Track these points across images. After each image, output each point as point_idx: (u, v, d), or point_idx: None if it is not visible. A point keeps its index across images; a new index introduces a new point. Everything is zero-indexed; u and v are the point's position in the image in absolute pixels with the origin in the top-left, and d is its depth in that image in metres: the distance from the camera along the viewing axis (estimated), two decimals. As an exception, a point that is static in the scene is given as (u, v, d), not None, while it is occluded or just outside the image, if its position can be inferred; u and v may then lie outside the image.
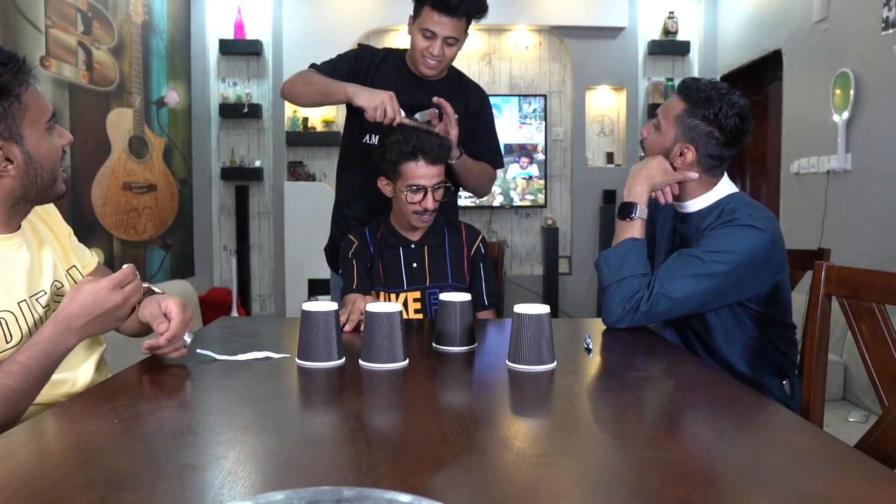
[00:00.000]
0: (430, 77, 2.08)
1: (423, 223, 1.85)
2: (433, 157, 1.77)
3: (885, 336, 1.19)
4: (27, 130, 1.11)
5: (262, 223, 5.19)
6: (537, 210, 5.35)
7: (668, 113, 1.58)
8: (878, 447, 1.12)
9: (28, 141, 1.12)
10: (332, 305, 1.25)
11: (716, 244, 1.47)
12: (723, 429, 0.96)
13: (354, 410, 1.03)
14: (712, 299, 1.49)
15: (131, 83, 3.79)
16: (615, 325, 1.53)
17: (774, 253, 1.49)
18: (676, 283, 1.46)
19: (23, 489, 0.70)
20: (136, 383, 1.14)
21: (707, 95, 1.52)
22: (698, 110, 1.53)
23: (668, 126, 1.57)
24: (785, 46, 4.08)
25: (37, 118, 1.13)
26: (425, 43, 1.98)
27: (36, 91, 1.14)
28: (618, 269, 1.52)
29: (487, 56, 5.26)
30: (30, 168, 1.13)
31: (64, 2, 3.06)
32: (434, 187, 1.79)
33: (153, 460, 0.79)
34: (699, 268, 1.45)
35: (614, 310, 1.51)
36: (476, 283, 1.95)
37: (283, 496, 0.49)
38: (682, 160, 1.55)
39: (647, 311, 1.48)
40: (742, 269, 1.45)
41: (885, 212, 3.12)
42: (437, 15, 1.93)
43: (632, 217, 1.56)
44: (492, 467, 0.79)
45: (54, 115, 1.19)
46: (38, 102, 1.14)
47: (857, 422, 2.76)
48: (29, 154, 1.12)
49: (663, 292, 1.46)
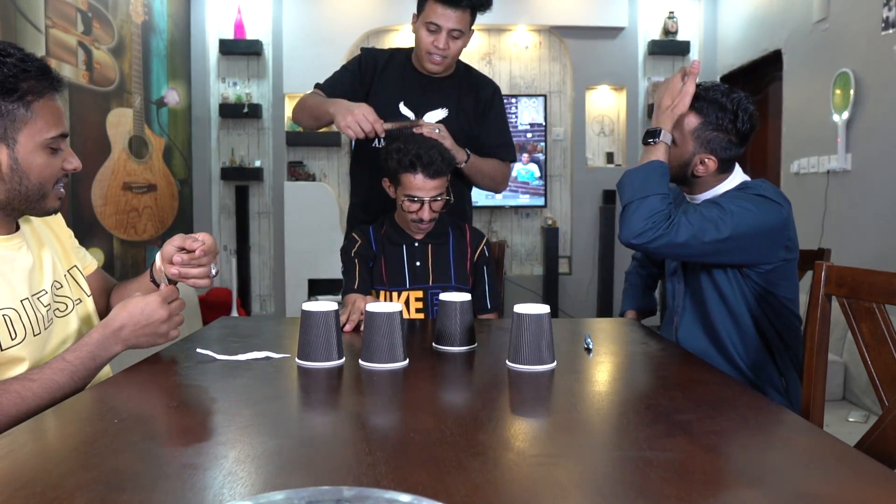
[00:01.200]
0: (437, 74, 2.06)
1: (421, 231, 1.87)
2: (432, 171, 1.75)
3: (885, 336, 1.19)
4: (23, 138, 1.09)
5: (262, 223, 5.19)
6: (537, 210, 5.35)
7: (684, 128, 1.59)
8: (878, 447, 1.12)
9: (20, 148, 1.09)
10: (332, 305, 1.25)
11: (735, 204, 1.50)
12: (723, 429, 0.96)
13: (354, 410, 1.03)
14: (727, 249, 1.49)
15: (131, 83, 3.79)
16: (634, 241, 1.51)
17: (788, 228, 1.53)
18: (698, 218, 1.48)
19: (23, 489, 0.70)
20: (136, 383, 1.14)
21: (720, 106, 1.55)
22: (714, 122, 1.56)
23: (684, 140, 1.59)
24: (785, 46, 4.08)
25: (39, 131, 1.10)
26: (430, 37, 1.97)
27: (54, 107, 1.12)
28: (641, 186, 1.52)
29: (487, 56, 5.26)
30: (14, 175, 1.10)
31: (64, 2, 3.06)
32: (432, 199, 1.78)
33: (153, 460, 0.79)
34: (720, 212, 1.48)
35: (635, 225, 1.50)
36: (479, 285, 1.95)
37: (283, 496, 0.49)
38: (704, 168, 1.59)
39: (665, 234, 1.48)
40: (756, 228, 1.48)
41: (885, 212, 3.12)
42: (441, 7, 1.93)
43: (655, 141, 1.58)
44: (492, 467, 0.79)
45: (65, 136, 1.16)
46: (49, 118, 1.11)
47: (857, 422, 2.76)
48: (17, 161, 1.09)
49: (687, 223, 1.47)
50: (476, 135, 2.11)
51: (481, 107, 2.12)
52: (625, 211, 1.54)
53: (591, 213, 5.31)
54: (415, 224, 1.83)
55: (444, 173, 1.79)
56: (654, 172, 1.54)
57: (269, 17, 5.03)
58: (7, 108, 1.06)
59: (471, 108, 2.11)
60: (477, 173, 2.06)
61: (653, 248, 1.51)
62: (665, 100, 1.59)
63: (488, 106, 2.13)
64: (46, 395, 1.06)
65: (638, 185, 1.53)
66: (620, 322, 1.76)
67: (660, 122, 1.59)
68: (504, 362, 1.25)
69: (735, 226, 1.47)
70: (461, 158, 1.97)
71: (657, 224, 1.48)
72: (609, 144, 5.42)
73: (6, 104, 1.06)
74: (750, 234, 1.47)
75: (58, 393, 1.08)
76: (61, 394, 1.08)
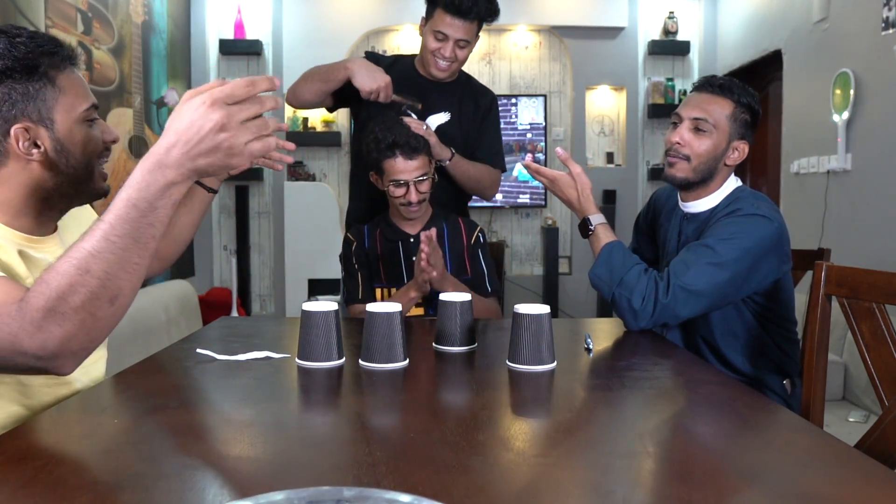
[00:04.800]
0: (441, 79, 2.08)
1: (412, 214, 1.88)
2: (409, 150, 1.79)
3: (885, 336, 1.19)
4: (59, 116, 1.02)
5: (262, 223, 5.19)
6: (537, 210, 5.35)
7: (719, 114, 1.55)
8: (878, 447, 1.12)
9: (59, 127, 1.02)
10: (332, 305, 1.25)
11: (725, 232, 1.46)
12: (723, 428, 0.96)
13: (354, 410, 1.03)
14: (729, 289, 1.46)
15: (131, 83, 3.79)
16: (640, 323, 1.46)
17: (782, 242, 1.50)
18: (691, 273, 1.43)
19: (23, 489, 0.70)
20: (136, 383, 1.14)
21: (742, 89, 1.55)
22: (743, 106, 1.55)
23: (721, 127, 1.55)
24: (785, 46, 4.08)
25: (72, 105, 1.03)
26: (437, 45, 2.00)
27: (77, 78, 1.05)
28: (609, 275, 1.50)
29: (487, 56, 5.26)
30: (60, 156, 1.03)
31: (64, 2, 3.06)
32: (416, 180, 1.81)
33: (153, 460, 0.79)
34: (711, 256, 1.43)
35: (630, 307, 1.45)
36: (478, 270, 1.96)
37: (283, 496, 0.49)
38: (739, 155, 1.56)
39: (667, 305, 1.42)
40: (752, 255, 1.45)
41: (885, 212, 3.12)
42: (450, 17, 1.95)
43: (591, 230, 1.58)
44: (492, 467, 0.79)
45: (96, 106, 1.09)
46: (77, 90, 1.05)
47: (857, 422, 2.76)
48: (59, 141, 1.02)
49: (680, 285, 1.42)
50: (473, 140, 2.13)
51: (480, 114, 2.15)
52: (614, 302, 1.50)
53: (591, 213, 5.31)
54: (405, 209, 1.85)
55: (421, 151, 1.83)
56: (612, 256, 1.51)
57: (269, 17, 5.03)
58: (34, 88, 1.00)
59: (470, 114, 2.14)
60: (462, 174, 2.07)
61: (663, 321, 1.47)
62: (568, 191, 1.58)
63: (486, 114, 2.17)
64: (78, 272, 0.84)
65: (607, 277, 1.50)
66: (620, 322, 1.76)
67: (583, 211, 1.58)
68: (504, 362, 1.25)
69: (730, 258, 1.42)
70: (445, 156, 1.98)
71: (653, 297, 1.44)
72: (609, 144, 5.42)
73: (32, 84, 1.00)
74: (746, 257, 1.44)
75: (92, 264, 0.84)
76: (98, 263, 0.85)
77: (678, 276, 1.43)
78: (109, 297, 0.87)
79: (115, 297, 0.88)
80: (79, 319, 0.86)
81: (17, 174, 1.02)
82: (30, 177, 1.03)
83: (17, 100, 0.99)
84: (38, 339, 0.85)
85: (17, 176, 1.02)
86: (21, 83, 0.99)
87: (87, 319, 0.86)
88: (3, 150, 1.00)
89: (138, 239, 0.87)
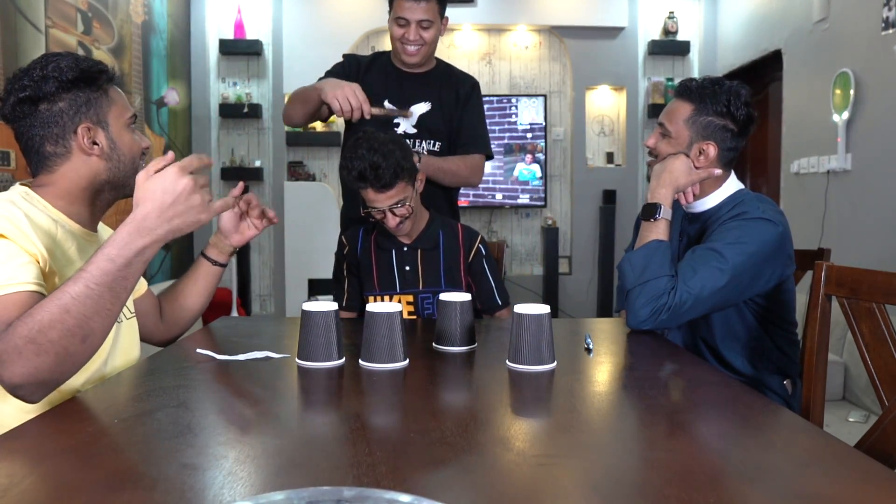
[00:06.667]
0: (415, 64, 2.10)
1: (398, 233, 1.84)
2: (379, 186, 1.69)
3: (885, 336, 1.19)
4: (112, 120, 1.24)
5: (262, 223, 5.18)
6: (537, 210, 5.35)
7: (676, 118, 1.56)
8: (878, 447, 1.12)
9: (112, 129, 1.24)
10: (332, 305, 1.25)
11: (730, 236, 1.45)
12: (723, 429, 0.96)
13: (354, 410, 1.03)
14: (733, 294, 1.46)
15: (131, 83, 3.79)
16: (640, 327, 1.48)
17: (786, 246, 1.50)
18: (697, 278, 1.43)
19: (23, 489, 0.70)
20: (136, 383, 1.14)
21: (712, 91, 1.53)
22: (707, 107, 1.53)
23: (679, 130, 1.55)
24: (785, 46, 4.08)
25: (120, 113, 1.25)
26: (401, 31, 2.04)
27: (120, 93, 1.28)
28: (642, 270, 1.48)
29: (487, 56, 5.26)
30: (113, 154, 1.24)
31: (64, 2, 3.06)
32: (390, 208, 1.74)
33: (153, 460, 0.79)
34: (716, 260, 1.43)
35: (639, 311, 1.46)
36: (484, 284, 1.92)
37: (283, 496, 0.49)
38: (705, 158, 1.54)
39: (672, 311, 1.44)
40: (757, 259, 1.44)
41: (885, 212, 3.12)
42: (406, 1, 2.00)
43: (656, 218, 1.53)
44: (492, 467, 0.79)
45: (136, 116, 1.31)
46: (123, 101, 1.28)
47: (857, 422, 2.76)
48: (112, 141, 1.24)
49: (686, 289, 1.43)
50: (456, 127, 2.15)
51: (461, 102, 2.17)
52: (628, 296, 1.49)
53: (591, 213, 5.31)
54: (390, 230, 1.81)
55: (393, 184, 1.70)
56: (655, 254, 1.49)
57: (269, 17, 5.03)
58: (94, 96, 1.21)
59: (452, 102, 2.16)
60: (436, 172, 2.06)
61: (664, 326, 1.48)
62: (665, 175, 1.54)
63: (466, 100, 2.18)
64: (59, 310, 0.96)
65: (639, 270, 1.48)
66: (620, 322, 1.76)
67: (658, 196, 1.54)
68: (504, 362, 1.25)
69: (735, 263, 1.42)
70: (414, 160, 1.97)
71: (661, 306, 1.44)
72: (609, 144, 5.42)
73: (92, 94, 1.21)
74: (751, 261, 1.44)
75: (72, 305, 0.97)
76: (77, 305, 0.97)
77: (685, 280, 1.44)
78: (83, 335, 0.99)
79: (87, 336, 1.00)
80: (54, 352, 0.97)
81: (79, 168, 1.21)
82: (89, 170, 1.22)
83: (82, 105, 1.20)
84: (16, 366, 0.95)
85: (79, 170, 1.22)
86: (84, 92, 1.21)
87: (60, 353, 0.97)
88: (69, 147, 1.20)
89: (113, 289, 1.01)
